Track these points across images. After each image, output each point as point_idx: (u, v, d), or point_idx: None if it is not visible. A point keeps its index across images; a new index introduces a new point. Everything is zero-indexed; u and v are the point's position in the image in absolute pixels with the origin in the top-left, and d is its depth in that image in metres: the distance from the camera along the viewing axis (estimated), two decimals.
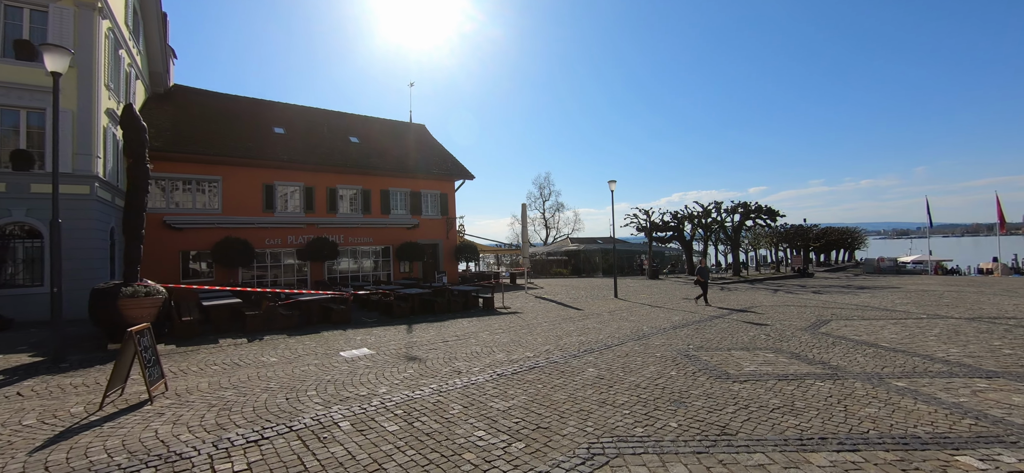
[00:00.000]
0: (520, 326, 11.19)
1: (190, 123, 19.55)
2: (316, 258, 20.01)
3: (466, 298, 15.07)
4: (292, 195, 20.49)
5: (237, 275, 18.79)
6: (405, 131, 27.55)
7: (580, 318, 12.47)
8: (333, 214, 21.18)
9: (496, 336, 9.74)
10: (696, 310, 13.82)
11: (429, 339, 9.50)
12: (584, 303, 16.34)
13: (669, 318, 12.18)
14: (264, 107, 23.28)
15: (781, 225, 42.56)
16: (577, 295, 19.21)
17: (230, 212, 18.81)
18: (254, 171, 19.48)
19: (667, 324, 11.14)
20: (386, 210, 22.76)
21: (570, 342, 8.91)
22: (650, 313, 13.29)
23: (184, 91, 22.00)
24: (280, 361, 7.60)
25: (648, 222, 34.76)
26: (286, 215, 20.10)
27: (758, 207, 33.66)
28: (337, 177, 21.44)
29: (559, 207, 60.63)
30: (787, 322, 11.07)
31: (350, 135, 24.13)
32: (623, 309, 14.41)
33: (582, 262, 40.25)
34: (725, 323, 11.14)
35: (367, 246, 22.20)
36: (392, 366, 7.10)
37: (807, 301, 15.85)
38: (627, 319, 12.10)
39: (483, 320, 12.39)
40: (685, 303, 15.80)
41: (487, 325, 11.45)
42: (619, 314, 13.17)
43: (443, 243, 24.59)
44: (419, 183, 23.98)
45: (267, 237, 19.51)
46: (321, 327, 11.19)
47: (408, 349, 8.44)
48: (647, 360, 7.27)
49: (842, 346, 8.17)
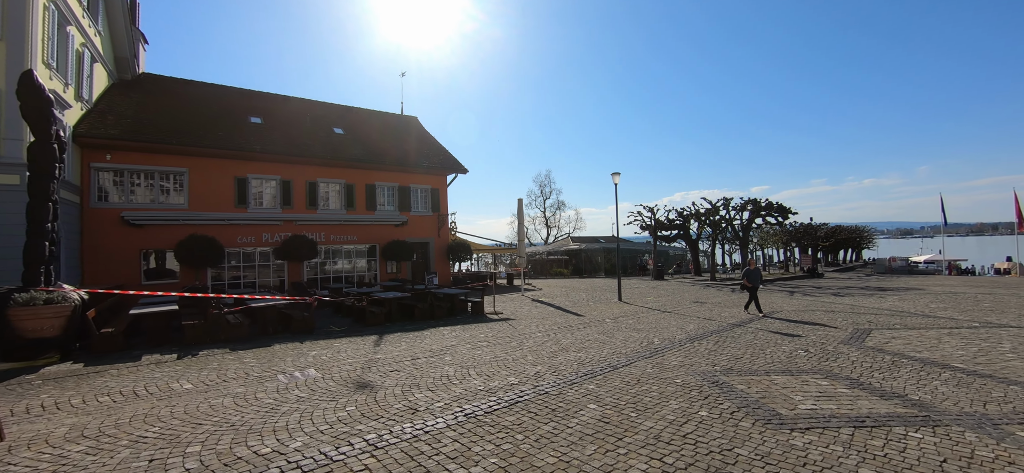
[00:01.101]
0: (509, 338, 9.54)
1: (155, 111, 17.94)
2: (293, 258, 18.39)
3: (452, 302, 13.42)
4: (268, 189, 18.86)
5: (206, 277, 17.18)
6: (396, 123, 25.92)
7: (580, 326, 10.81)
8: (313, 210, 19.55)
9: (478, 352, 8.09)
10: (711, 316, 12.14)
11: (396, 356, 7.85)
12: (585, 307, 14.68)
13: (682, 327, 10.50)
14: (240, 96, 21.66)
15: (791, 223, 40.87)
16: (577, 298, 17.55)
17: (197, 207, 17.19)
18: (225, 163, 17.85)
19: (681, 335, 9.47)
20: (372, 206, 21.12)
21: (567, 361, 7.25)
22: (660, 320, 11.61)
23: (154, 79, 20.40)
24: (196, 389, 5.96)
25: (652, 220, 33.09)
26: (261, 211, 18.47)
27: (768, 204, 31.92)
28: (318, 170, 19.81)
29: (560, 205, 58.96)
30: (822, 332, 9.39)
31: (334, 126, 22.49)
32: (629, 315, 12.75)
33: (583, 262, 38.59)
34: (749, 334, 9.47)
35: (350, 245, 20.56)
36: (332, 399, 5.46)
37: (831, 305, 14.14)
38: (634, 328, 10.43)
39: (468, 329, 10.74)
40: (696, 308, 14.12)
41: (471, 336, 9.80)
42: (625, 321, 11.51)
43: (434, 242, 22.94)
44: (408, 177, 22.34)
45: (239, 235, 17.89)
46: (277, 338, 9.56)
47: (364, 371, 6.79)
48: (665, 390, 5.61)
49: (908, 368, 6.49)
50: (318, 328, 10.93)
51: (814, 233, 53.24)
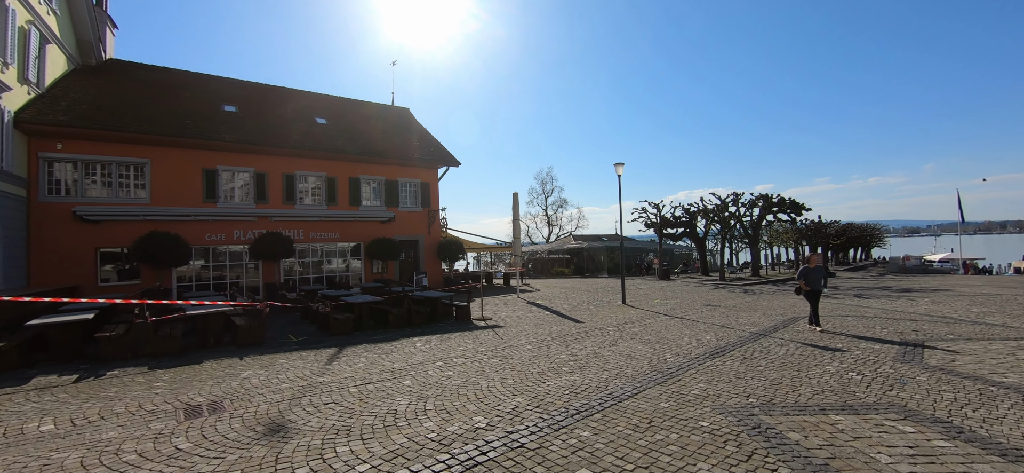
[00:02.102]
0: (491, 352, 7.98)
1: (117, 97, 16.46)
2: (267, 256, 16.88)
3: (434, 307, 11.86)
4: (240, 182, 17.36)
5: (170, 278, 15.71)
6: (385, 114, 24.37)
7: (578, 336, 9.24)
8: (290, 205, 18.04)
9: (447, 374, 6.53)
10: (728, 322, 10.54)
11: (345, 379, 6.32)
12: (585, 311, 13.11)
13: (697, 336, 8.92)
14: (215, 83, 20.18)
15: (802, 221, 39.17)
16: (578, 300, 15.98)
17: (161, 202, 15.71)
18: (192, 153, 16.35)
19: (698, 348, 7.89)
20: (355, 201, 19.59)
21: (556, 389, 5.69)
22: (670, 328, 10.03)
23: (122, 66, 18.93)
24: (52, 433, 4.44)
25: (658, 217, 31.45)
26: (232, 206, 16.97)
27: (781, 200, 30.23)
28: (296, 161, 18.29)
29: (562, 203, 57.29)
30: (866, 346, 7.78)
31: (318, 116, 20.99)
32: (634, 321, 11.17)
33: (586, 261, 36.95)
34: (779, 347, 7.88)
35: (332, 243, 19.05)
36: (216, 455, 3.92)
37: (860, 309, 12.50)
38: (641, 339, 8.86)
39: (446, 340, 9.19)
40: (710, 312, 12.52)
41: (447, 349, 8.25)
42: (629, 329, 9.93)
43: (424, 239, 21.40)
44: (396, 170, 20.80)
45: (207, 232, 16.39)
46: (215, 352, 8.04)
47: (291, 404, 5.25)
48: (689, 442, 4.04)
49: (1007, 402, 4.88)
50: (272, 339, 9.41)
51: (824, 231, 51.46)
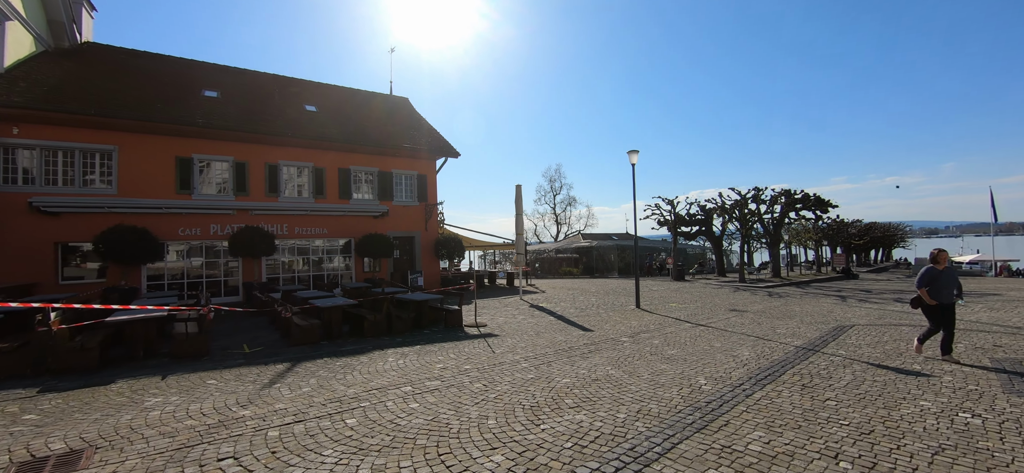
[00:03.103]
0: (478, 372, 6.39)
1: (85, 81, 15.16)
2: (246, 253, 15.46)
3: (419, 311, 10.29)
4: (218, 172, 15.96)
5: (139, 275, 14.36)
6: (382, 103, 22.87)
7: (586, 350, 7.61)
8: (273, 197, 16.61)
9: (410, 408, 4.95)
10: (764, 332, 8.82)
11: (274, 412, 4.77)
12: (594, 317, 11.45)
13: (733, 352, 7.23)
14: (198, 68, 18.83)
15: (825, 220, 37.00)
16: (586, 303, 14.31)
17: (129, 192, 14.35)
18: (164, 140, 14.99)
19: (738, 369, 6.21)
20: (346, 194, 18.12)
21: (554, 436, 4.06)
22: (696, 339, 8.35)
23: (98, 49, 17.65)
24: None
25: (672, 215, 29.62)
26: (208, 198, 15.57)
27: (805, 196, 28.24)
28: (281, 150, 16.86)
29: (571, 201, 55.60)
30: (952, 368, 6.03)
31: (307, 103, 19.57)
32: (652, 329, 9.49)
33: (595, 260, 35.20)
34: (843, 370, 6.17)
35: (319, 239, 17.60)
36: None
37: (907, 316, 10.60)
38: (664, 354, 7.19)
39: (426, 353, 7.61)
40: (738, 319, 10.78)
41: (423, 368, 6.68)
42: (648, 341, 8.26)
43: (421, 236, 19.88)
44: (390, 162, 19.29)
45: (181, 226, 15.02)
46: (138, 368, 6.56)
47: (173, 459, 3.71)
48: None
49: None
50: (222, 349, 7.91)
51: (845, 231, 49.05)
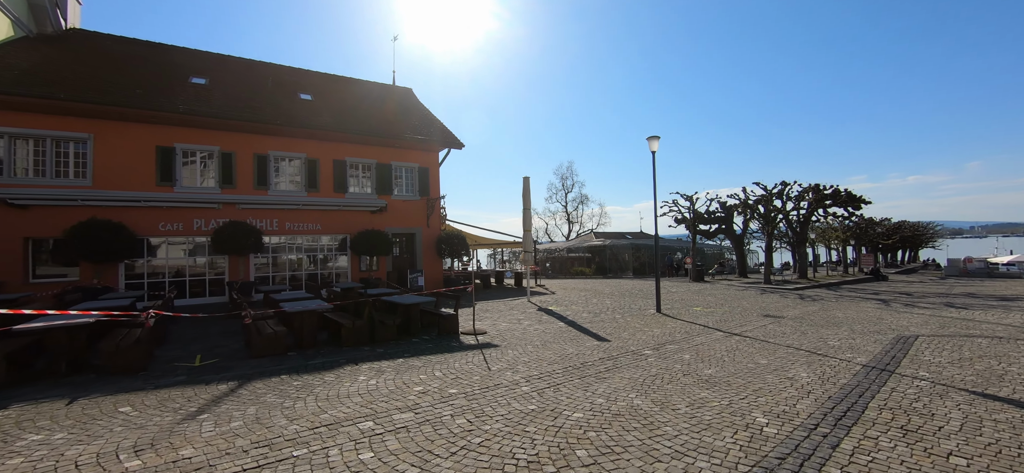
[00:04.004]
0: (465, 400, 5.03)
1: (62, 66, 14.18)
2: (232, 250, 14.33)
3: (408, 316, 8.96)
4: (202, 163, 14.86)
5: (116, 273, 13.32)
6: (383, 94, 21.66)
7: (603, 366, 6.20)
8: (262, 191, 15.46)
9: (361, 462, 3.61)
10: (811, 344, 7.30)
11: (177, 461, 3.46)
12: (611, 323, 10.01)
13: (786, 372, 5.76)
14: (187, 55, 17.82)
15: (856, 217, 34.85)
16: (601, 306, 12.87)
17: (105, 184, 13.32)
18: (144, 128, 13.93)
19: (804, 401, 4.75)
20: (341, 187, 16.92)
21: None
22: (734, 353, 6.87)
23: (83, 36, 16.72)
24: None
25: (691, 212, 27.93)
26: (192, 190, 14.48)
27: (835, 192, 26.33)
28: (271, 140, 15.72)
29: (583, 199, 53.98)
30: None
31: (302, 92, 18.43)
32: (678, 339, 8.02)
33: (608, 260, 33.63)
34: (943, 402, 4.67)
35: (312, 235, 16.42)
36: None
37: (970, 325, 8.99)
38: (700, 375, 5.74)
39: (407, 370, 6.28)
40: (772, 326, 9.24)
41: (397, 392, 5.34)
42: (678, 356, 6.81)
43: (422, 232, 18.60)
44: (389, 153, 18.04)
45: (162, 220, 13.95)
46: (50, 388, 5.34)
47: None
48: None
49: None
50: (170, 359, 6.68)
51: (872, 230, 46.58)
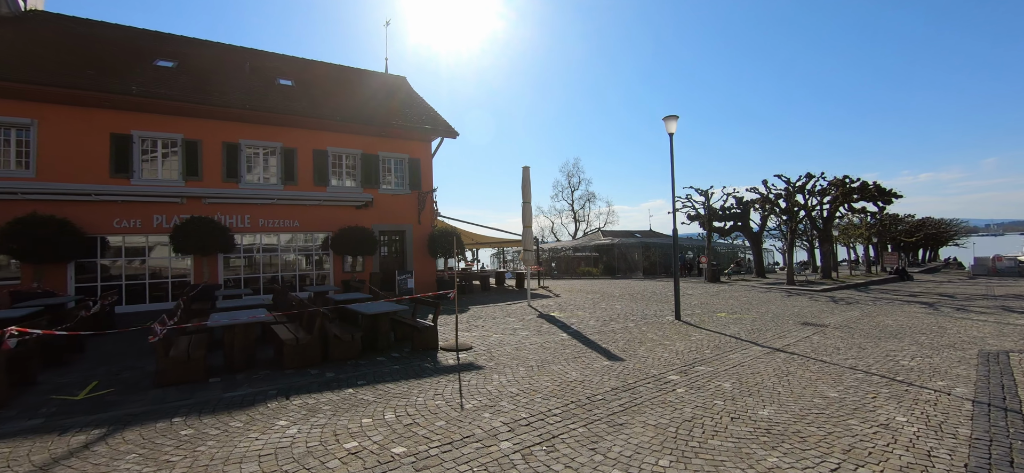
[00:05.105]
0: (415, 463, 3.36)
1: (8, 45, 12.74)
2: (195, 249, 12.77)
3: (374, 329, 7.32)
4: (164, 152, 13.34)
5: (64, 275, 11.85)
6: (372, 81, 20.10)
7: (615, 405, 4.49)
8: (232, 183, 13.93)
9: None
10: (882, 364, 5.53)
11: None
12: (623, 335, 8.29)
13: (876, 415, 4.01)
14: (156, 39, 16.35)
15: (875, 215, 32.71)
16: (610, 312, 11.14)
17: (50, 175, 11.84)
18: (97, 113, 12.45)
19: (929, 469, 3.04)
20: (322, 180, 15.35)
21: None
22: (789, 379, 5.12)
23: (44, 17, 15.31)
24: None
25: (706, 208, 26.09)
26: (151, 183, 12.98)
27: (863, 186, 24.31)
28: (241, 127, 14.18)
29: (590, 197, 52.27)
30: None
31: (282, 77, 16.90)
32: (710, 357, 6.28)
33: (616, 259, 31.81)
34: None
35: (289, 232, 14.86)
36: None
37: None
38: (757, 426, 4.00)
39: (344, 414, 4.62)
40: (817, 337, 7.45)
41: (313, 460, 3.69)
42: (715, 387, 5.07)
43: (412, 230, 16.98)
44: (376, 142, 16.45)
45: (116, 216, 12.45)
46: None
47: None
48: None
49: None
50: (52, 389, 5.09)
51: (894, 227, 44.28)
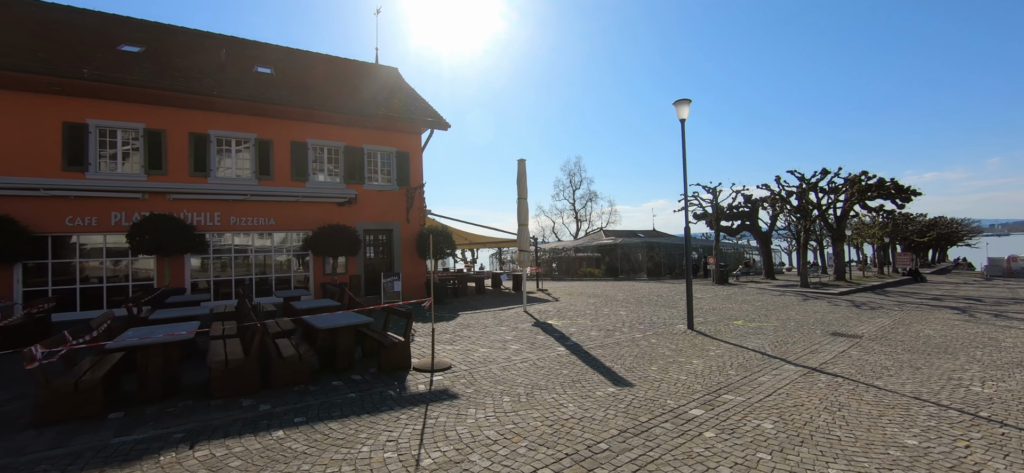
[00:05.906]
0: None
1: None
2: (158, 250, 11.58)
3: (333, 345, 6.12)
4: (124, 143, 12.19)
5: (10, 277, 10.69)
6: (361, 71, 18.94)
7: (621, 457, 3.28)
8: (201, 177, 12.76)
9: None
10: (951, 393, 4.31)
11: None
12: (630, 350, 7.07)
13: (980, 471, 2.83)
14: (123, 25, 15.22)
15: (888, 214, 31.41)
16: (615, 319, 9.92)
17: None
18: (47, 100, 11.30)
19: None
20: (300, 174, 14.17)
21: None
22: (839, 410, 3.88)
23: (9, 2, 14.22)
24: None
25: (714, 206, 24.83)
26: (109, 177, 11.82)
27: (880, 183, 23.01)
28: (210, 116, 13.01)
29: (592, 196, 51.03)
30: None
31: (261, 65, 15.73)
32: (737, 382, 5.06)
33: (619, 260, 30.57)
34: None
35: (264, 231, 13.69)
36: None
37: None
38: None
39: (280, 456, 3.43)
40: (854, 350, 6.21)
41: None
42: (750, 428, 3.83)
43: (400, 228, 15.79)
44: (360, 134, 15.26)
45: (69, 213, 11.29)
46: None
47: None
48: None
49: None
50: None
51: (906, 227, 42.90)
